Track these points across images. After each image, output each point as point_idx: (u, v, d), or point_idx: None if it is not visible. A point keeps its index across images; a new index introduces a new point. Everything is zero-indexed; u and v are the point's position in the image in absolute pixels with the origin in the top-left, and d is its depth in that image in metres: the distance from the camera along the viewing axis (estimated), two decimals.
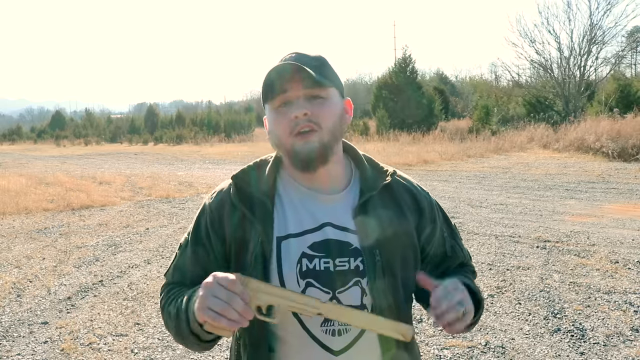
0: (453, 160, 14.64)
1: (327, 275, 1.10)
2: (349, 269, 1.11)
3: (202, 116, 39.36)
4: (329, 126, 1.11)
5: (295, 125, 1.09)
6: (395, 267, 1.14)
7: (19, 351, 3.61)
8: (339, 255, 1.11)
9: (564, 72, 21.99)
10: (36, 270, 5.44)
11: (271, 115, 1.15)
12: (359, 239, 1.12)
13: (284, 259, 1.11)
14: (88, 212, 8.77)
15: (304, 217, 1.14)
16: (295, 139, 1.10)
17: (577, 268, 4.88)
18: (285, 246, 1.12)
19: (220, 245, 1.17)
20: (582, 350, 3.35)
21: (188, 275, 1.19)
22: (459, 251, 1.29)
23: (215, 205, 1.19)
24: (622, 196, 8.46)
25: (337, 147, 1.16)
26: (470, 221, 6.93)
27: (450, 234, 1.29)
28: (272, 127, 1.15)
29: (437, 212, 1.26)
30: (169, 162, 18.59)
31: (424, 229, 1.21)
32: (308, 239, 1.12)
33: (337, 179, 1.19)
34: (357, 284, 1.11)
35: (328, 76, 1.14)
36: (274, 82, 1.11)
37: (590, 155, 13.81)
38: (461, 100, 34.24)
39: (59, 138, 38.48)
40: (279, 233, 1.13)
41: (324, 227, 1.14)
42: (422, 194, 1.25)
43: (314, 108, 1.10)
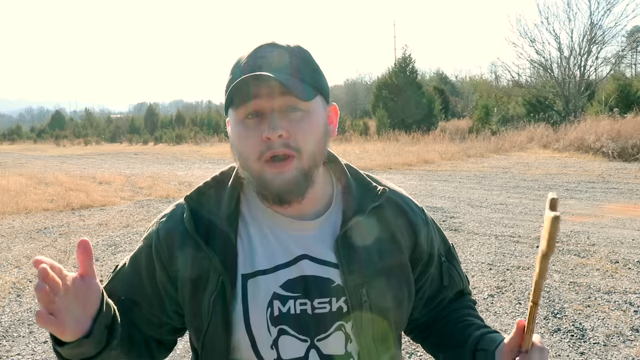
0: (453, 160, 14.64)
1: (305, 319, 0.91)
2: (330, 311, 0.92)
3: (202, 116, 39.39)
4: (310, 150, 0.88)
5: (267, 148, 0.86)
6: (387, 307, 0.95)
7: (19, 351, 3.61)
8: (318, 295, 0.92)
9: (564, 72, 21.99)
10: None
11: (236, 127, 0.90)
12: (342, 274, 0.92)
13: (251, 301, 0.91)
14: (88, 212, 8.77)
15: (275, 249, 0.93)
16: (265, 167, 0.87)
17: (577, 268, 4.88)
18: (252, 286, 0.91)
19: (168, 283, 0.95)
20: (582, 350, 3.35)
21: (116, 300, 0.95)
22: (457, 278, 1.10)
23: (163, 233, 0.96)
24: (622, 196, 8.46)
25: (317, 172, 0.93)
26: (470, 221, 6.93)
27: (449, 259, 1.10)
28: (236, 142, 0.91)
29: (434, 234, 1.07)
30: (169, 162, 18.59)
31: (420, 257, 1.02)
32: (280, 276, 0.92)
33: (316, 200, 0.96)
34: (341, 329, 0.93)
35: (312, 80, 0.90)
36: (241, 84, 0.85)
37: (590, 155, 13.81)
38: (461, 100, 34.25)
39: (58, 138, 38.49)
40: (245, 270, 0.92)
41: (300, 260, 0.93)
42: (417, 214, 1.03)
43: (292, 127, 0.86)
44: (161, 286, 0.96)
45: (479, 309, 4.00)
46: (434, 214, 7.40)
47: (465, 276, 1.15)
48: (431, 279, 1.07)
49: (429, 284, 1.06)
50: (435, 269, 1.07)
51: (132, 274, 1.00)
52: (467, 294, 1.16)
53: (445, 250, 1.10)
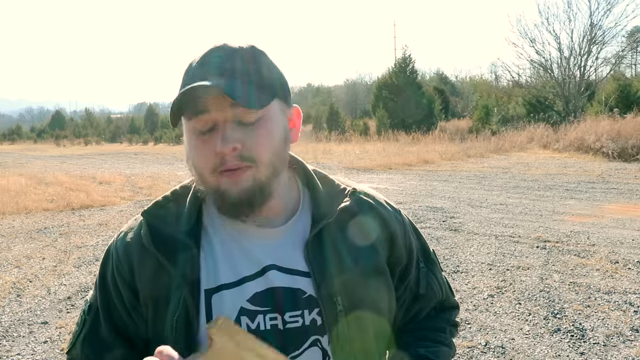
0: (453, 160, 14.64)
1: (275, 335, 0.84)
2: (303, 325, 0.85)
3: None
4: (266, 159, 0.83)
5: (221, 162, 0.81)
6: (365, 316, 0.87)
7: (19, 351, 3.61)
8: (289, 308, 0.85)
9: (564, 72, 22.00)
10: (36, 270, 5.44)
11: (189, 138, 0.84)
12: (313, 283, 0.85)
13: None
14: (88, 212, 8.77)
15: (239, 261, 0.87)
16: (220, 178, 0.82)
17: (577, 268, 4.88)
18: (217, 301, 0.85)
19: (135, 302, 0.89)
20: (582, 351, 3.35)
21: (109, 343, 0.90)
22: (436, 287, 1.01)
23: (122, 250, 0.90)
24: (622, 196, 8.46)
25: (277, 181, 0.86)
26: (470, 221, 6.93)
27: (427, 265, 1.02)
28: (191, 155, 0.85)
29: (412, 236, 0.99)
30: (169, 162, 18.60)
31: (398, 261, 0.95)
32: (247, 289, 0.85)
33: (281, 207, 0.90)
34: (316, 344, 0.86)
35: (266, 84, 0.83)
36: (192, 96, 0.79)
37: (590, 155, 13.81)
38: (461, 100, 34.24)
39: (58, 138, 38.50)
40: (208, 284, 0.85)
41: (268, 271, 0.86)
42: (392, 215, 0.96)
43: (246, 137, 0.80)
44: (130, 306, 0.89)
45: (478, 309, 4.01)
46: (434, 214, 7.40)
47: (447, 286, 1.06)
48: (410, 283, 0.98)
49: (408, 291, 0.99)
50: (414, 275, 0.99)
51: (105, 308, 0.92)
52: (450, 308, 1.06)
53: (424, 256, 1.02)
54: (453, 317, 1.06)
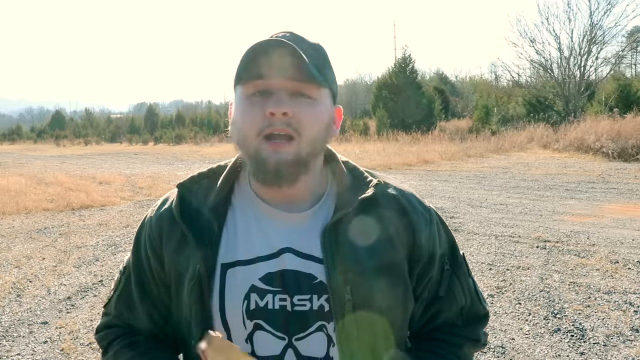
0: (453, 160, 14.64)
1: (283, 316, 0.87)
2: (310, 309, 0.87)
3: (202, 116, 39.43)
4: (310, 136, 0.85)
5: (269, 124, 0.84)
6: (374, 309, 0.87)
7: (19, 351, 3.61)
8: (298, 291, 0.87)
9: (564, 72, 21.99)
10: (36, 270, 5.44)
11: (240, 103, 0.88)
12: (325, 270, 0.87)
13: (228, 292, 0.88)
14: (88, 212, 8.77)
15: (257, 241, 0.90)
16: (263, 143, 0.84)
17: (577, 268, 4.88)
18: (230, 275, 0.88)
19: (161, 268, 0.94)
20: (582, 351, 3.35)
21: (136, 306, 0.97)
22: (458, 291, 0.98)
23: (155, 219, 0.96)
24: (622, 196, 8.46)
25: (314, 162, 0.90)
26: (470, 221, 6.93)
27: (453, 267, 0.99)
28: (238, 118, 0.89)
29: (438, 235, 0.97)
30: (169, 162, 18.59)
31: (418, 258, 0.93)
32: (260, 268, 0.88)
33: (308, 192, 0.92)
34: (322, 330, 0.87)
35: (325, 73, 0.88)
36: (254, 61, 0.84)
37: (590, 155, 13.81)
38: (461, 100, 34.25)
39: (58, 138, 38.48)
40: (226, 259, 0.89)
41: (283, 253, 0.89)
42: (419, 210, 0.95)
43: (297, 108, 0.84)
44: (156, 273, 0.95)
45: None
46: None
47: (475, 292, 1.01)
48: (431, 283, 0.97)
49: (427, 290, 0.97)
50: (436, 276, 0.97)
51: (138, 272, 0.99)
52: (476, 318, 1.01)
53: (451, 258, 0.99)
54: (478, 330, 1.01)
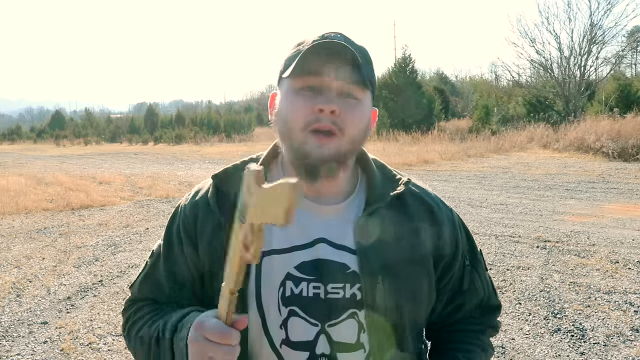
0: (453, 160, 14.64)
1: (316, 303, 0.91)
2: (343, 297, 0.91)
3: (202, 116, 39.39)
4: (352, 134, 0.90)
5: (316, 119, 0.88)
6: (403, 299, 0.93)
7: (19, 351, 3.61)
8: (332, 280, 0.91)
9: (564, 72, 21.99)
10: (36, 270, 5.44)
11: (288, 95, 0.91)
12: (358, 260, 0.92)
13: (264, 279, 0.92)
14: (88, 212, 8.77)
15: (292, 231, 0.94)
16: (309, 137, 0.88)
17: (577, 268, 4.88)
18: (266, 264, 0.93)
19: (195, 255, 0.98)
20: (582, 351, 3.35)
21: (163, 286, 1.02)
22: (479, 285, 1.06)
23: (190, 207, 1.01)
24: (623, 196, 8.45)
25: (351, 159, 0.96)
26: (470, 221, 6.92)
27: (473, 263, 1.06)
28: (285, 110, 0.92)
29: (459, 233, 1.04)
30: (169, 162, 18.59)
31: (442, 254, 1.00)
32: (296, 257, 0.93)
33: (341, 187, 0.98)
34: (354, 317, 0.92)
35: (370, 76, 0.93)
36: (310, 58, 0.87)
37: (590, 155, 13.81)
38: (461, 100, 34.23)
39: (58, 138, 38.48)
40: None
41: (317, 243, 0.93)
42: (443, 211, 1.03)
43: (344, 108, 0.89)
44: (189, 257, 0.99)
45: None
46: None
47: (491, 286, 1.09)
48: (453, 278, 1.03)
49: (450, 286, 1.03)
50: (458, 271, 1.03)
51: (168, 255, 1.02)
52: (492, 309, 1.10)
53: (471, 254, 1.07)
54: (494, 319, 1.10)
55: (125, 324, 1.05)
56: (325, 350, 0.91)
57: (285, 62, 0.94)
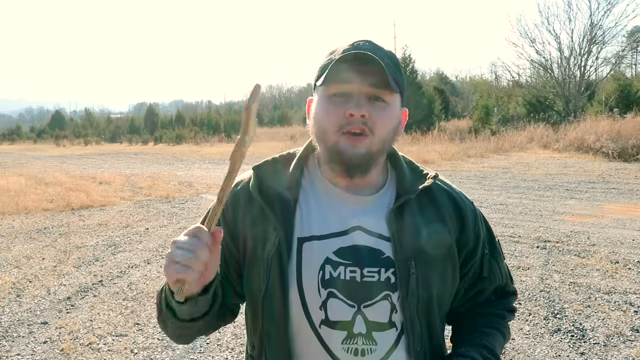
0: (453, 160, 14.64)
1: (353, 286, 0.98)
2: (378, 280, 0.99)
3: (202, 116, 39.41)
4: (382, 135, 0.99)
5: (347, 123, 0.96)
6: (432, 282, 1.01)
7: (19, 351, 3.61)
8: (368, 265, 0.99)
9: (564, 72, 21.99)
10: (36, 270, 5.44)
11: (322, 102, 1.00)
12: (392, 247, 1.00)
13: (305, 263, 0.99)
14: (88, 212, 8.77)
15: (330, 218, 1.02)
16: (342, 137, 0.97)
17: (577, 268, 4.88)
18: (307, 249, 1.00)
19: (231, 241, 1.05)
20: (582, 351, 3.35)
21: None
22: (497, 272, 1.14)
23: (231, 197, 1.06)
24: (623, 196, 8.45)
25: (381, 158, 1.04)
26: None
27: (492, 252, 1.14)
28: (319, 116, 1.01)
29: (481, 225, 1.12)
30: (169, 162, 18.59)
31: (465, 243, 1.08)
32: (334, 243, 1.00)
33: (373, 180, 1.06)
34: (387, 299, 0.99)
35: (398, 79, 1.00)
36: (340, 67, 0.96)
37: (590, 155, 13.81)
38: (461, 100, 34.22)
39: (58, 138, 38.45)
40: (301, 234, 1.01)
41: (354, 231, 1.01)
42: (467, 204, 1.11)
43: (373, 111, 0.97)
44: (226, 248, 1.04)
45: None
46: None
47: (506, 272, 1.18)
48: (474, 265, 1.11)
49: (471, 272, 1.11)
50: (478, 259, 1.11)
51: None
52: (508, 294, 1.18)
53: (490, 243, 1.14)
54: (511, 302, 1.18)
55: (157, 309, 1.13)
56: (362, 330, 0.98)
57: (319, 71, 1.02)
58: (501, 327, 1.13)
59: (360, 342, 0.98)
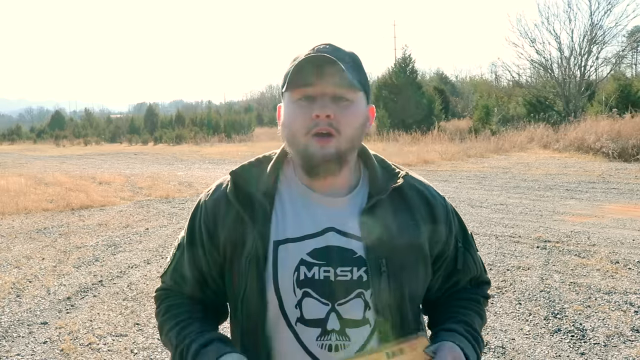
0: (453, 160, 14.64)
1: (327, 285, 1.02)
2: (351, 279, 1.03)
3: (202, 116, 39.37)
4: (349, 134, 1.02)
5: (315, 125, 1.00)
6: (404, 279, 1.05)
7: (19, 351, 3.60)
8: (341, 264, 1.02)
9: (564, 72, 21.99)
10: (36, 271, 5.43)
11: (289, 107, 1.04)
12: (363, 246, 1.04)
13: (281, 265, 1.03)
14: (88, 212, 8.77)
15: (304, 221, 1.05)
16: (311, 140, 1.01)
17: (577, 268, 4.88)
18: (282, 251, 1.04)
19: (212, 246, 1.09)
20: (582, 351, 3.34)
21: (187, 278, 1.13)
22: (472, 264, 1.19)
23: (210, 203, 1.11)
24: (623, 196, 8.45)
25: (352, 155, 1.07)
26: (471, 221, 6.92)
27: (465, 245, 1.18)
28: (288, 121, 1.05)
29: (452, 220, 1.16)
30: (169, 162, 18.59)
31: (437, 239, 1.12)
32: (308, 244, 1.04)
33: (346, 181, 1.09)
34: (360, 296, 1.03)
35: (360, 78, 1.04)
36: (301, 71, 0.99)
37: (590, 155, 13.81)
38: (461, 100, 34.23)
39: (58, 138, 38.45)
40: (277, 237, 1.04)
41: (327, 232, 1.04)
42: (438, 200, 1.14)
43: (338, 112, 1.00)
44: (207, 250, 1.10)
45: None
46: None
47: (481, 263, 1.22)
48: (447, 259, 1.15)
49: (445, 265, 1.15)
50: (452, 252, 1.15)
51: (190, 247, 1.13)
52: (483, 283, 1.23)
53: (463, 237, 1.18)
54: (485, 291, 1.23)
55: (157, 315, 1.17)
56: (335, 327, 1.02)
57: (284, 78, 1.04)
58: (478, 309, 1.17)
59: (334, 338, 1.02)
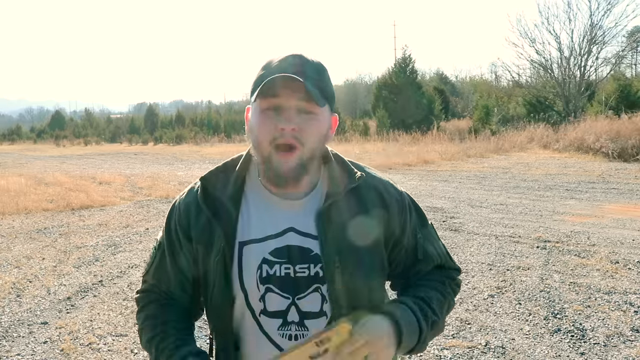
0: (453, 160, 14.64)
1: (287, 281, 1.11)
2: (308, 275, 1.11)
3: (202, 116, 39.42)
4: (311, 145, 1.08)
5: (280, 135, 1.06)
6: (357, 274, 1.12)
7: (19, 351, 3.61)
8: (299, 262, 1.11)
9: (564, 72, 21.99)
10: (36, 271, 5.44)
11: (256, 115, 1.10)
12: (319, 245, 1.11)
13: (245, 264, 1.11)
14: (88, 212, 8.77)
15: (267, 223, 1.13)
16: (274, 151, 1.07)
17: (577, 268, 4.88)
18: (246, 251, 1.12)
19: (189, 246, 1.17)
20: (582, 351, 3.35)
21: (170, 276, 1.20)
22: (433, 253, 1.23)
23: (183, 205, 1.19)
24: (623, 196, 8.46)
25: (312, 164, 1.12)
26: (470, 221, 6.92)
27: (425, 236, 1.24)
28: (254, 127, 1.11)
29: (408, 214, 1.21)
30: (169, 162, 18.59)
31: (392, 233, 1.18)
32: (270, 244, 1.12)
33: (304, 183, 1.15)
34: (317, 291, 1.11)
35: (325, 91, 1.10)
36: (269, 83, 1.04)
37: (590, 155, 13.81)
38: (461, 100, 34.23)
39: (58, 138, 38.47)
40: (242, 238, 1.12)
41: (287, 232, 1.12)
42: (393, 195, 1.19)
43: (302, 123, 1.06)
44: (185, 248, 1.17)
45: (478, 309, 4.01)
46: (434, 214, 7.39)
47: (443, 252, 1.26)
48: (405, 252, 1.21)
49: (403, 256, 1.21)
50: (410, 244, 1.21)
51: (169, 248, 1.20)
52: (450, 269, 1.27)
53: (422, 228, 1.24)
54: (453, 275, 1.26)
55: (137, 320, 1.24)
56: (294, 318, 1.12)
57: (253, 85, 1.10)
58: (440, 288, 1.21)
59: (294, 328, 1.11)
